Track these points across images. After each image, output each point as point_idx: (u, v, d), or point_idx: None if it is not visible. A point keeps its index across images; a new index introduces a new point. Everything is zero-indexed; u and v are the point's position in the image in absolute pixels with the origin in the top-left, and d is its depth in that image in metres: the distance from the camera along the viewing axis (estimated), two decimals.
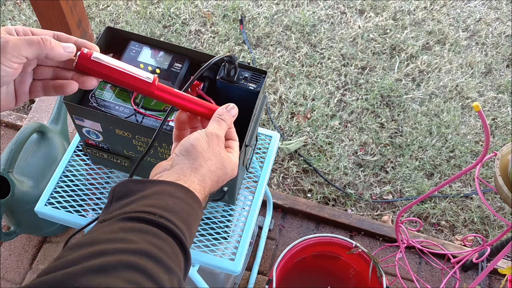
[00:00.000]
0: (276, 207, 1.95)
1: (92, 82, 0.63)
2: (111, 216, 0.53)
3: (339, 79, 2.37)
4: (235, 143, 0.69)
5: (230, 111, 0.69)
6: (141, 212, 0.53)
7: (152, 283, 0.46)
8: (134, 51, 1.03)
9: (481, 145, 2.19)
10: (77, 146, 1.25)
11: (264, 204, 1.84)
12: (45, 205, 1.17)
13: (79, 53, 0.60)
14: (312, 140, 2.16)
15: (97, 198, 1.20)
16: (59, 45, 0.58)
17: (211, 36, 2.51)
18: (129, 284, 0.44)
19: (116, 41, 1.04)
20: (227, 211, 1.19)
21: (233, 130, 0.70)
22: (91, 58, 0.61)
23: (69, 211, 1.16)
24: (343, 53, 2.48)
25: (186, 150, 0.62)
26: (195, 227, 0.59)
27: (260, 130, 1.33)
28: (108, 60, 0.62)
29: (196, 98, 0.69)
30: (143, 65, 1.01)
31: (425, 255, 1.82)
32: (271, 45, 2.49)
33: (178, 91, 0.68)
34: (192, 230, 0.57)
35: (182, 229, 0.54)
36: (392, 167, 2.11)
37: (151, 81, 0.64)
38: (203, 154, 0.62)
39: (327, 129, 2.20)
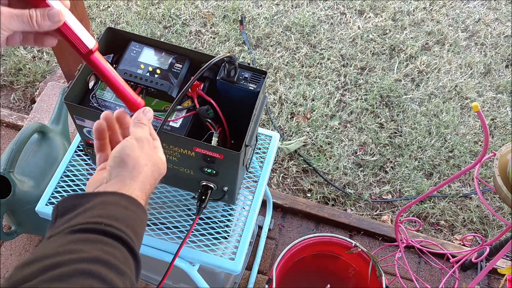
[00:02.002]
0: (276, 206, 1.95)
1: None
2: (58, 231, 0.54)
3: (339, 80, 2.38)
4: (158, 142, 0.70)
5: (146, 114, 0.70)
6: (88, 223, 0.54)
7: (107, 287, 0.48)
8: (134, 51, 1.03)
9: (480, 145, 2.20)
10: (78, 146, 1.26)
11: (264, 203, 1.85)
12: (46, 205, 1.17)
13: None
14: (312, 140, 2.17)
15: None
16: (45, 18, 0.57)
17: (211, 37, 2.52)
18: None
19: (116, 42, 1.05)
20: (227, 211, 1.19)
21: (152, 129, 0.71)
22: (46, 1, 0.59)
23: None
24: (343, 53, 2.48)
25: (122, 161, 0.63)
26: (141, 232, 0.61)
27: (260, 130, 1.34)
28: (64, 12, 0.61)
29: (126, 84, 0.69)
30: (143, 66, 1.01)
31: (425, 255, 1.82)
32: (271, 46, 2.50)
33: (113, 69, 0.68)
34: (138, 235, 0.59)
35: (129, 234, 0.56)
36: (392, 167, 2.12)
37: (91, 47, 0.64)
38: (139, 161, 0.63)
39: (327, 129, 2.20)
